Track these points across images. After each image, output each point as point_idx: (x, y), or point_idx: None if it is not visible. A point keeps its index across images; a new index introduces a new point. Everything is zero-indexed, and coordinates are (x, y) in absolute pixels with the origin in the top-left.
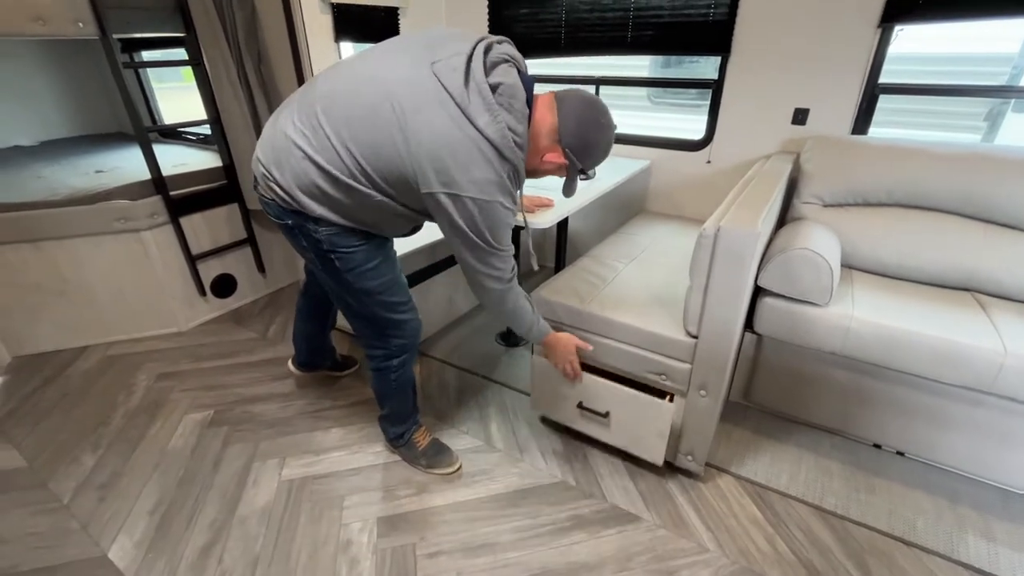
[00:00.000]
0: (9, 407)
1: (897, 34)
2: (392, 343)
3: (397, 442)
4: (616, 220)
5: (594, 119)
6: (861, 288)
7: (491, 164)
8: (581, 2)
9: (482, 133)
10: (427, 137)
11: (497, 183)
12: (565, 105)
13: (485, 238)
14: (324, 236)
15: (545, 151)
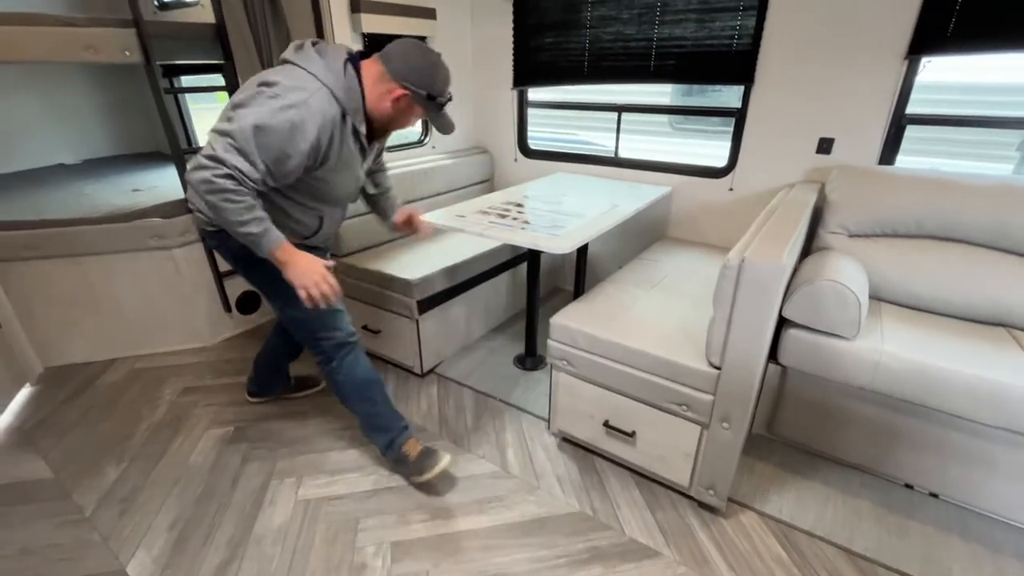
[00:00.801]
0: (39, 417)
1: (925, 65)
2: (323, 345)
3: (388, 455)
4: (637, 246)
5: (415, 50)
6: (891, 321)
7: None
8: (605, 31)
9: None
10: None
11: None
12: (386, 52)
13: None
14: (238, 246)
15: (387, 92)
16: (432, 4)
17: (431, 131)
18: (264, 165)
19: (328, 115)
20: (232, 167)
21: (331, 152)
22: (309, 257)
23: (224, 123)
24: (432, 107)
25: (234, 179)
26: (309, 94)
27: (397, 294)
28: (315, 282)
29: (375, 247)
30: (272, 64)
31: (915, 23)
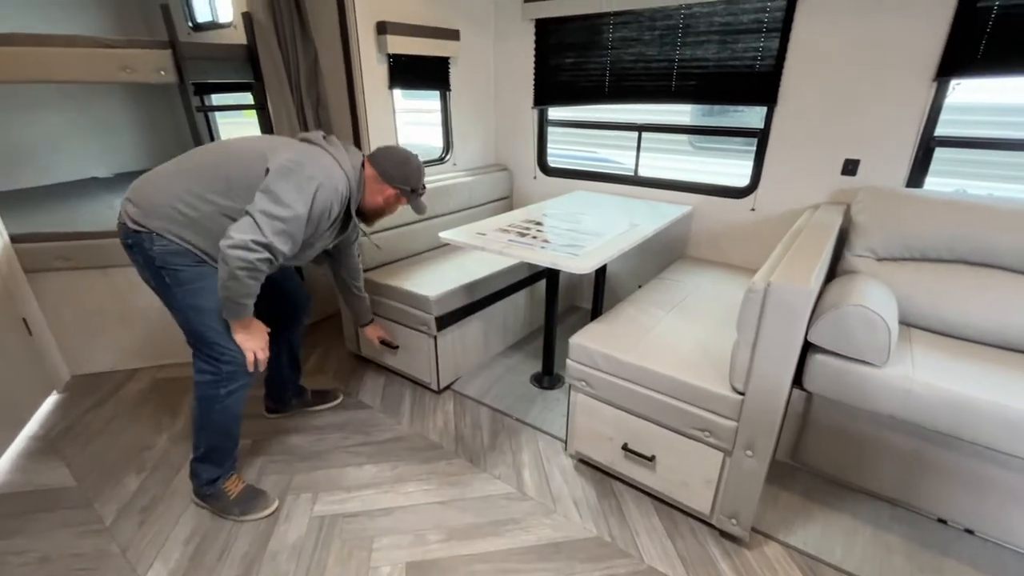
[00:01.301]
0: (65, 424)
1: (954, 87)
2: (223, 368)
3: (207, 489)
4: (656, 264)
5: (400, 156)
6: (921, 348)
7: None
8: (626, 52)
9: (338, 162)
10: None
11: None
12: (377, 159)
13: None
14: (157, 252)
15: (380, 191)
16: (456, 25)
17: (452, 149)
18: (300, 244)
19: (344, 199)
20: (279, 252)
21: (330, 226)
22: (258, 325)
23: (270, 204)
24: (414, 197)
25: (272, 263)
26: (338, 181)
27: (416, 310)
28: (261, 347)
29: (394, 263)
30: (299, 84)
31: (944, 45)
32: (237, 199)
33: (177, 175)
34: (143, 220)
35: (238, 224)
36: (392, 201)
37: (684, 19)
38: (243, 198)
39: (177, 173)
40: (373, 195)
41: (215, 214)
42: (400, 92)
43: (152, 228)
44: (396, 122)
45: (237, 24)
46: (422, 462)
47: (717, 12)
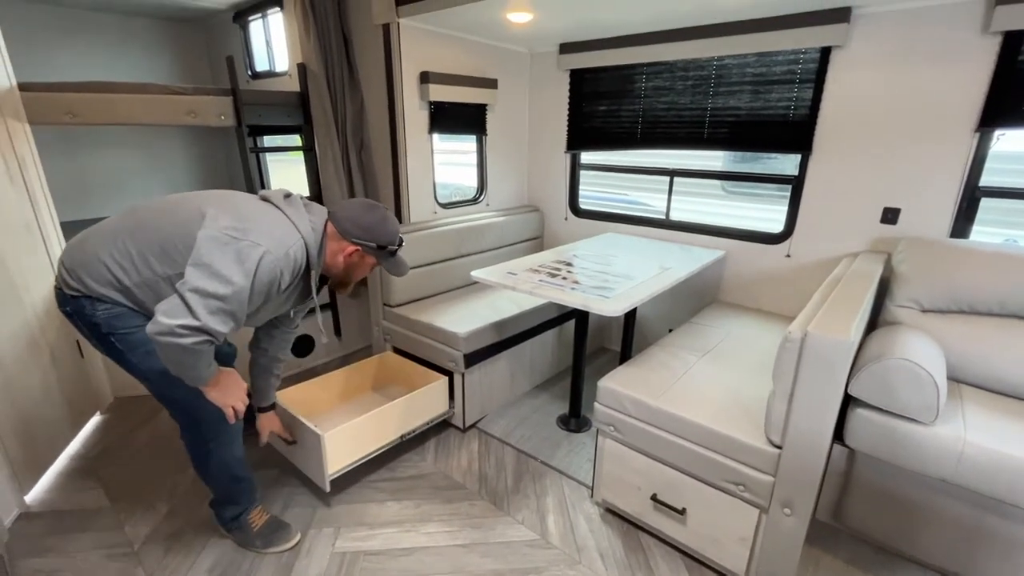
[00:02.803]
0: (104, 445)
1: (998, 138)
2: (205, 427)
3: (230, 525)
4: (687, 308)
5: (362, 208)
6: (973, 406)
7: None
8: (659, 101)
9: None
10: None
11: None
12: (335, 214)
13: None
14: (102, 318)
15: (340, 250)
16: (494, 75)
17: (486, 190)
18: (243, 320)
19: (299, 265)
20: (216, 334)
21: (283, 293)
22: (228, 378)
23: (204, 280)
24: (383, 255)
25: (213, 343)
26: (290, 245)
27: (444, 346)
28: (238, 399)
29: (424, 299)
30: (345, 128)
31: (985, 97)
32: (176, 265)
33: (111, 235)
34: (78, 284)
35: (165, 304)
36: (354, 261)
37: (716, 70)
38: (182, 264)
39: (112, 233)
40: (332, 255)
41: (152, 281)
42: (438, 135)
43: (90, 292)
44: (434, 163)
45: (292, 73)
46: (445, 502)
47: (749, 64)
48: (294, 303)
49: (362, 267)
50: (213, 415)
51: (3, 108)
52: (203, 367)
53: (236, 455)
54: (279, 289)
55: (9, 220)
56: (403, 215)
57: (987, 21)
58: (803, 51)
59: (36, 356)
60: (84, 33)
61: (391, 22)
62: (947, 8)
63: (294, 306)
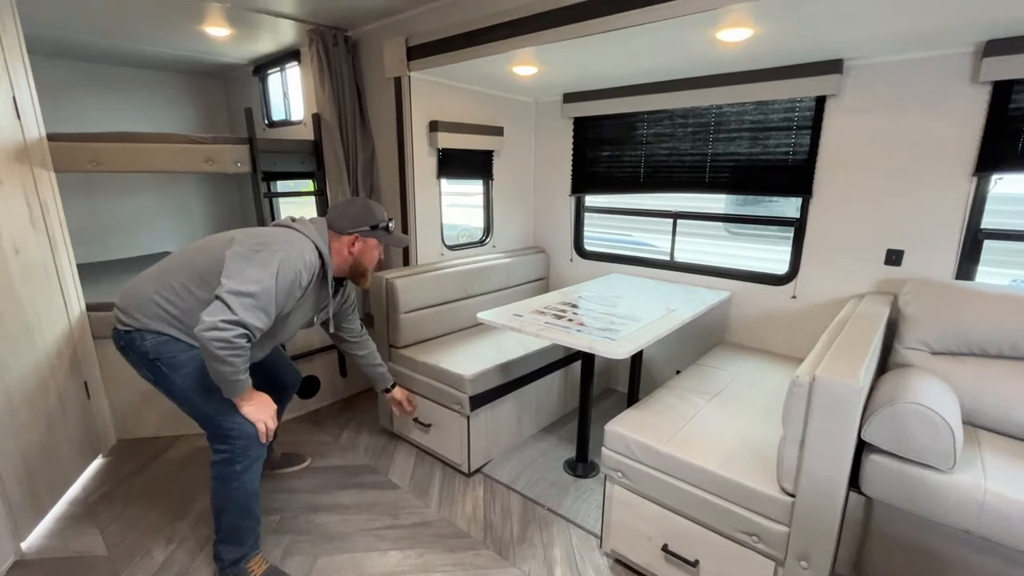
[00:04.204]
0: (104, 489)
1: (996, 182)
2: (236, 443)
3: (231, 570)
4: (694, 349)
5: (345, 204)
6: (992, 453)
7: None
8: (660, 147)
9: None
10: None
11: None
12: (328, 219)
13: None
14: (150, 346)
15: (343, 245)
16: (500, 123)
17: (492, 232)
18: (273, 316)
19: (314, 265)
20: (253, 327)
21: (306, 295)
22: (261, 397)
23: (236, 283)
24: (380, 234)
25: (249, 338)
26: (304, 250)
27: (450, 388)
28: (269, 416)
29: (430, 340)
30: (356, 174)
31: (980, 142)
32: (213, 289)
33: (158, 276)
34: (130, 320)
35: (209, 309)
36: (359, 250)
37: (716, 117)
38: (217, 286)
39: (158, 275)
40: (339, 253)
41: (195, 306)
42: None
43: (140, 326)
44: (442, 207)
45: (307, 122)
46: (449, 551)
47: (747, 111)
48: (315, 307)
49: (368, 251)
50: (245, 434)
51: (32, 157)
52: (239, 370)
53: (254, 488)
54: (301, 287)
55: (29, 263)
56: (411, 257)
57: (976, 72)
58: (799, 100)
59: (44, 397)
60: (111, 86)
61: (402, 75)
62: (936, 60)
63: (317, 310)
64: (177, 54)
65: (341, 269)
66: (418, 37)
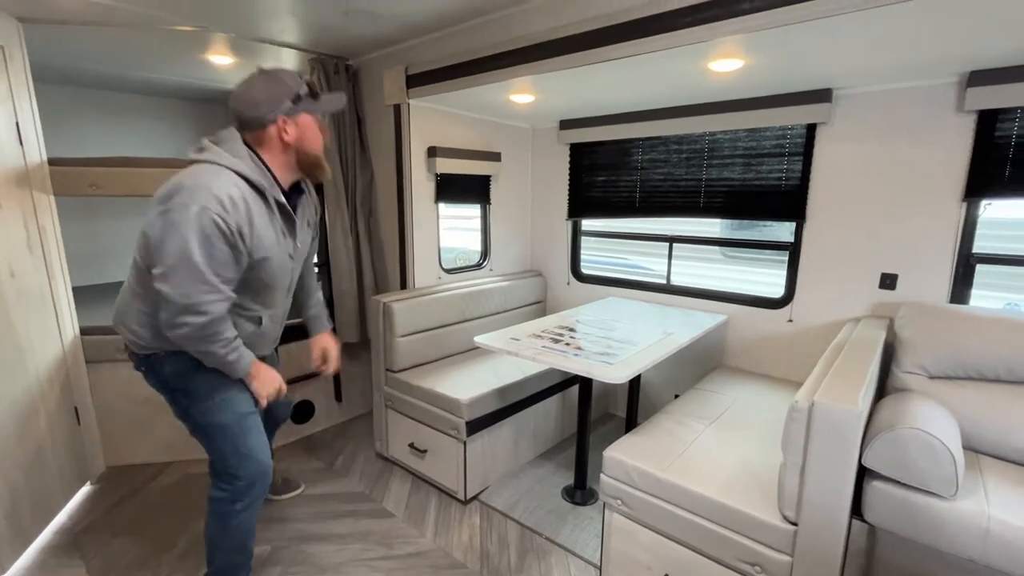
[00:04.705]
0: (91, 518)
1: (985, 208)
2: (238, 483)
3: None
4: (692, 373)
5: (246, 91)
6: (995, 479)
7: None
8: (655, 172)
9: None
10: None
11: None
12: (239, 123)
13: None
14: (169, 374)
15: (276, 140)
16: (498, 148)
17: (490, 256)
18: (218, 276)
19: (241, 196)
20: (205, 304)
21: (254, 232)
22: (267, 368)
23: (160, 271)
24: (307, 104)
25: (212, 316)
26: (211, 187)
27: (446, 413)
28: (276, 389)
29: (427, 364)
30: (355, 198)
31: (967, 169)
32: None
33: (130, 284)
34: (142, 342)
35: (161, 306)
36: (295, 135)
37: (709, 144)
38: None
39: (130, 282)
40: (277, 154)
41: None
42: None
43: (156, 348)
44: (439, 230)
45: None
46: None
47: (740, 138)
48: (292, 239)
49: (306, 132)
50: (251, 475)
51: (32, 181)
52: (230, 350)
53: (251, 525)
54: (233, 231)
55: (25, 287)
56: (408, 281)
57: (961, 101)
58: (790, 127)
59: (33, 423)
60: (115, 112)
61: (402, 102)
62: (922, 89)
63: (293, 236)
64: (181, 81)
65: (287, 171)
66: (417, 66)
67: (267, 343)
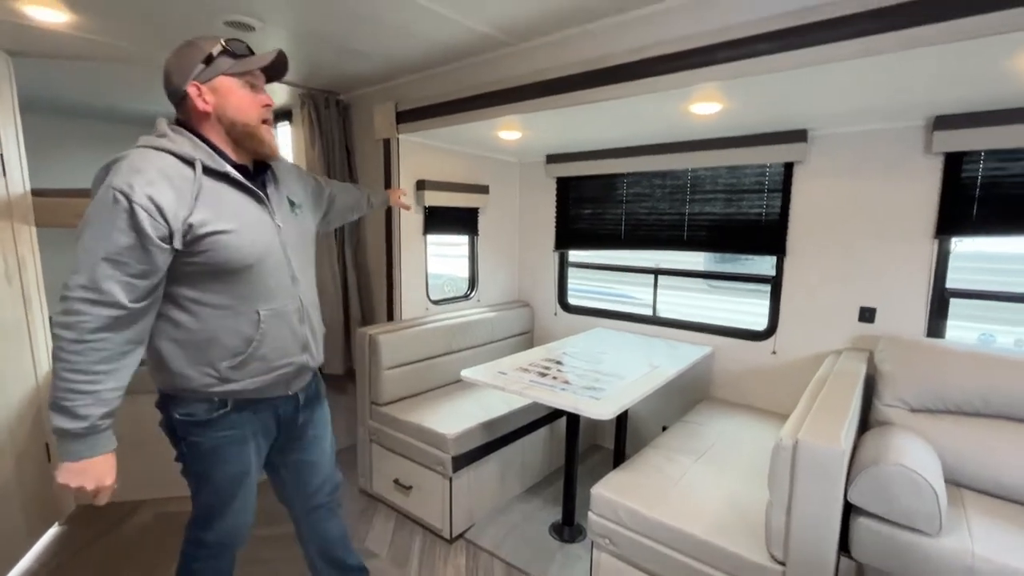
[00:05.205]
0: (57, 562)
1: (955, 245)
2: (208, 536)
3: None
4: (679, 404)
5: (168, 62)
6: (977, 514)
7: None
8: (639, 206)
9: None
10: None
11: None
12: (169, 90)
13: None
14: (177, 422)
15: (201, 110)
16: (486, 181)
17: (477, 286)
18: (111, 264)
19: (144, 168)
20: (79, 285)
21: (195, 209)
22: (102, 464)
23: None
24: (224, 63)
25: (109, 310)
26: (134, 168)
27: (432, 448)
28: (91, 488)
29: (413, 397)
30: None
31: (938, 208)
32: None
33: None
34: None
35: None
36: (214, 102)
37: (691, 180)
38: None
39: None
40: (206, 129)
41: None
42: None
43: (164, 388)
44: (427, 261)
45: None
46: None
47: (721, 175)
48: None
49: (229, 96)
50: (222, 544)
51: (14, 212)
52: (80, 380)
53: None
54: (158, 203)
55: (0, 319)
56: (395, 312)
57: (928, 143)
58: (768, 165)
59: (1, 461)
60: (103, 142)
61: (391, 137)
62: (893, 131)
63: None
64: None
65: (229, 145)
66: (407, 102)
67: (288, 346)
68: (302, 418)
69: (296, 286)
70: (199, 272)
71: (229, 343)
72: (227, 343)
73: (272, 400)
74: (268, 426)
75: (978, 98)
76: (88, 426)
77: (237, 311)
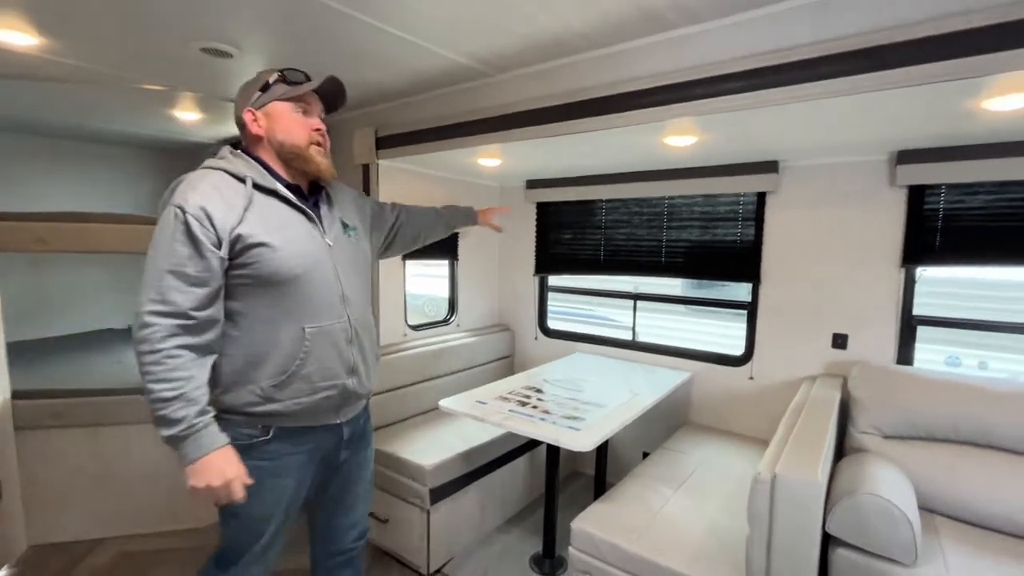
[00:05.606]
0: None
1: (921, 274)
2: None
3: None
4: (659, 429)
5: (241, 87)
6: (952, 543)
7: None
8: (618, 232)
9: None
10: None
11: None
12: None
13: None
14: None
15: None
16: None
17: (457, 311)
18: (175, 275)
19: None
20: (150, 307)
21: (235, 216)
22: (223, 457)
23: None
24: (279, 89)
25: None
26: (192, 188)
27: (409, 480)
28: (221, 487)
29: (390, 425)
30: None
31: (903, 238)
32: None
33: None
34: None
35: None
36: (266, 126)
37: (668, 207)
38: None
39: None
40: (261, 153)
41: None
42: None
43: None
44: (406, 285)
45: None
46: None
47: (697, 203)
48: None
49: (279, 121)
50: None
51: None
52: (169, 388)
53: None
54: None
55: None
56: None
57: (892, 177)
58: (742, 194)
59: None
60: (73, 161)
61: (371, 162)
62: (859, 164)
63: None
64: (142, 132)
65: (277, 163)
66: (387, 128)
67: (334, 368)
68: (344, 455)
69: (346, 306)
70: (247, 284)
71: (273, 359)
72: (272, 359)
73: (314, 431)
74: (307, 461)
75: (939, 134)
76: (187, 427)
77: (282, 326)
